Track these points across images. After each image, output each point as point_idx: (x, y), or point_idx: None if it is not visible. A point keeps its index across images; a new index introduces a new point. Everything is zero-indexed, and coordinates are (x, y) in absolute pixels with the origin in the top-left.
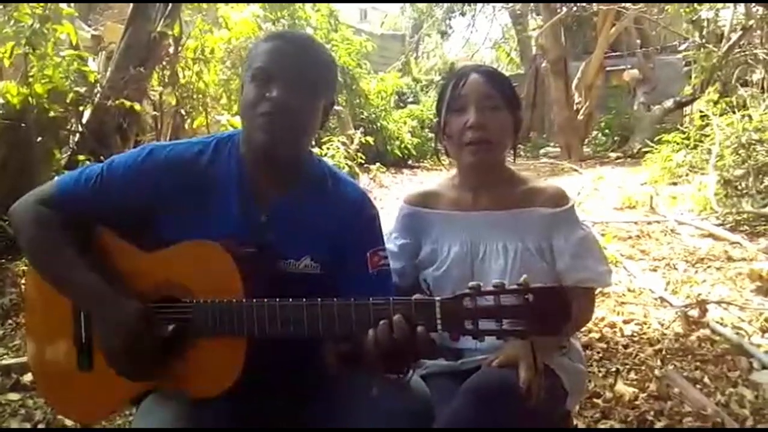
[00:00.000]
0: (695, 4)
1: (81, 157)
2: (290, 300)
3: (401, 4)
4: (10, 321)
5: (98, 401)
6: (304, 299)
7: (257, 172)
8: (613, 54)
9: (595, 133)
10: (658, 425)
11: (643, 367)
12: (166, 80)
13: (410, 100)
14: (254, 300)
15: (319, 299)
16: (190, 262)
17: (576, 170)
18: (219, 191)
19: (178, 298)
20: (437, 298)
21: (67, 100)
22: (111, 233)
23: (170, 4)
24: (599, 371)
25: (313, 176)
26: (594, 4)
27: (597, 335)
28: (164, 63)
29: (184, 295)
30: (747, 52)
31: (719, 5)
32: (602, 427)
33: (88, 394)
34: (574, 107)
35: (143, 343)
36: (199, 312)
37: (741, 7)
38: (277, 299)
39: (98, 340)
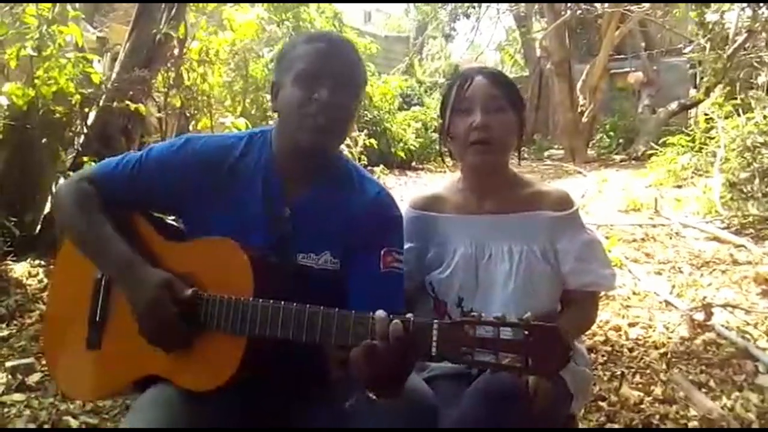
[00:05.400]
0: (703, 7)
1: (85, 159)
2: (294, 305)
3: (405, 7)
4: (15, 322)
5: (101, 381)
6: (308, 305)
7: (286, 168)
8: (618, 56)
9: (599, 135)
10: (663, 428)
11: (648, 371)
12: (171, 82)
13: (414, 102)
14: (260, 300)
15: (321, 307)
16: (207, 256)
17: (580, 173)
18: (245, 183)
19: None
20: (435, 321)
21: (72, 102)
22: (141, 218)
23: (175, 6)
24: (604, 374)
25: (339, 174)
26: (598, 6)
27: (602, 338)
28: (169, 65)
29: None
30: (752, 55)
31: (725, 7)
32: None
33: (92, 373)
34: (579, 110)
35: (168, 308)
36: (206, 305)
37: (747, 10)
38: (282, 302)
39: (117, 318)
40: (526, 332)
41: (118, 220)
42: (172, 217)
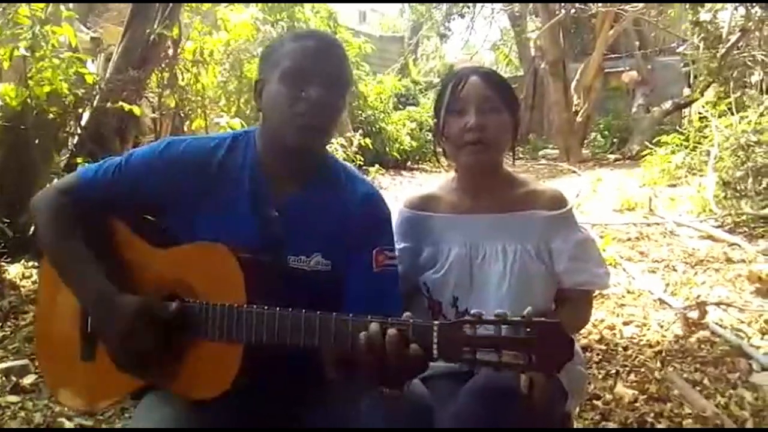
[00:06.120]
0: (698, 6)
1: (79, 159)
2: (290, 310)
3: (400, 7)
4: (9, 323)
5: (97, 392)
6: (304, 310)
7: (273, 168)
8: (612, 56)
9: (593, 134)
10: (658, 427)
11: (642, 369)
12: (165, 82)
13: (409, 102)
14: (255, 307)
15: (318, 312)
16: (197, 263)
17: (575, 172)
18: (231, 185)
19: (182, 297)
20: (435, 323)
21: (66, 102)
22: (125, 227)
23: (169, 6)
24: (599, 373)
25: (328, 173)
26: (592, 5)
27: (596, 337)
28: (163, 65)
29: (189, 296)
30: (745, 54)
31: (717, 7)
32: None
33: (88, 384)
34: (573, 109)
35: (141, 338)
36: (199, 314)
37: (740, 9)
38: (278, 308)
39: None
40: (528, 329)
41: (99, 232)
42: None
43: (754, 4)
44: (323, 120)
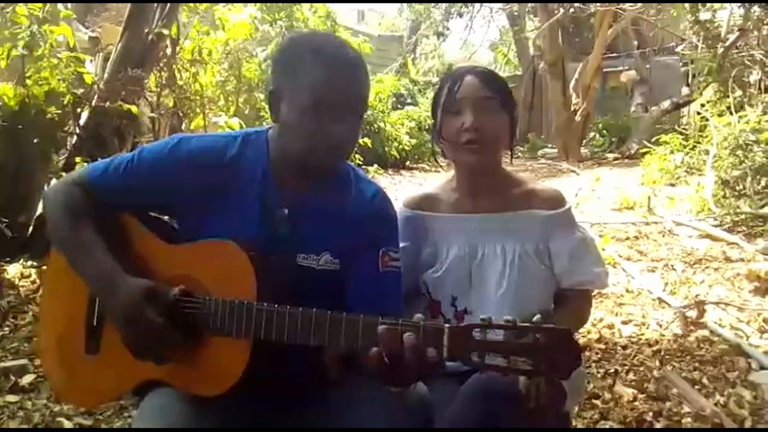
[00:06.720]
0: (699, 5)
1: (78, 159)
2: (300, 309)
3: (399, 6)
4: (8, 323)
5: (100, 386)
6: (315, 309)
7: (285, 170)
8: (611, 55)
9: (592, 134)
10: (657, 426)
11: (641, 368)
12: (164, 82)
13: (408, 101)
14: (265, 304)
15: (328, 312)
16: (208, 259)
17: (574, 171)
18: (241, 183)
19: (192, 293)
20: (446, 325)
21: (65, 102)
22: (136, 222)
23: (167, 6)
24: (598, 372)
25: (336, 174)
26: (591, 5)
27: (596, 336)
28: (161, 64)
29: (198, 292)
30: (744, 53)
31: (716, 6)
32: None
33: (90, 379)
34: (572, 108)
35: (152, 321)
36: (209, 309)
37: (740, 9)
38: (288, 306)
39: (110, 325)
40: (537, 335)
41: (110, 224)
42: (167, 218)
43: (753, 3)
44: (348, 145)
